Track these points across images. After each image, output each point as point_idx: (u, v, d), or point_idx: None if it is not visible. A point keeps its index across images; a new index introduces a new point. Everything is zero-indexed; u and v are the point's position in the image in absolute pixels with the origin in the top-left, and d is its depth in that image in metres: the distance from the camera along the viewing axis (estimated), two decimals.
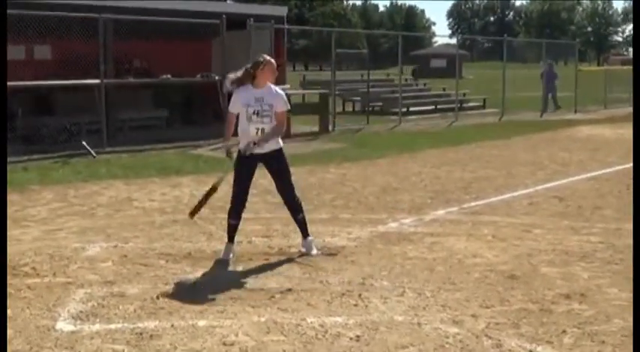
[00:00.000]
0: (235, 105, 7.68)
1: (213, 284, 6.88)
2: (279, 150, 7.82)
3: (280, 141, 7.86)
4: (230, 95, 7.87)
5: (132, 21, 17.71)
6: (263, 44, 19.09)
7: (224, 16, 18.47)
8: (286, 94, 8.18)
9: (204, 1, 20.61)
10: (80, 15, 16.31)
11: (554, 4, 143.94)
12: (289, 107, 7.79)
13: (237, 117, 7.73)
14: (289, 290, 6.67)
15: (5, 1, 7.62)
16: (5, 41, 7.69)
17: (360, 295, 6.52)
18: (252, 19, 19.19)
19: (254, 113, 7.55)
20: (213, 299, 6.38)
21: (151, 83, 19.58)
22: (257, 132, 7.60)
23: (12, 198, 11.18)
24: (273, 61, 7.71)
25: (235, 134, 7.82)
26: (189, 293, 6.58)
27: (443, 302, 6.36)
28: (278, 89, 7.84)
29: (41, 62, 18.23)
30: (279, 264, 7.59)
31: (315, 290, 6.69)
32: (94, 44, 16.44)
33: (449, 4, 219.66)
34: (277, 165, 7.83)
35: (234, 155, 7.75)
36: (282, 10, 23.26)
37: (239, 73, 7.69)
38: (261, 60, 7.64)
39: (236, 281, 6.96)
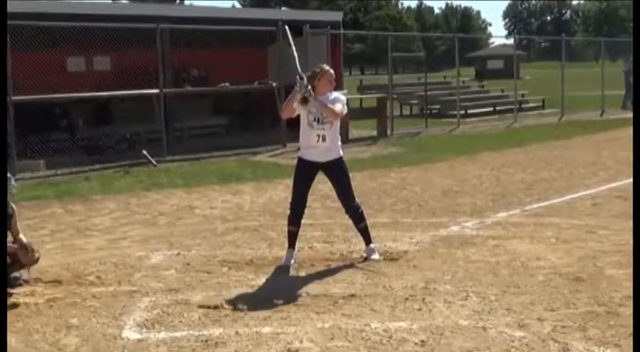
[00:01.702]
0: (298, 107, 7.64)
1: (276, 290, 6.89)
2: (340, 159, 7.81)
3: (341, 150, 7.84)
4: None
5: (189, 30, 17.87)
6: (319, 50, 19.12)
7: (280, 22, 18.53)
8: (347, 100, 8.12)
9: (260, 9, 20.73)
10: (138, 25, 16.49)
11: (612, 2, 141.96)
12: (346, 110, 7.75)
13: (299, 120, 7.73)
14: (352, 295, 6.65)
15: (5, 2, 7.70)
16: (5, 42, 7.79)
17: (423, 300, 6.48)
18: (308, 26, 19.21)
19: (315, 120, 7.57)
20: (277, 306, 6.39)
21: (208, 91, 19.71)
22: (318, 139, 7.59)
23: (75, 208, 11.37)
24: (330, 70, 7.71)
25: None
26: (252, 300, 6.60)
27: (507, 305, 6.29)
28: (339, 95, 7.81)
29: (101, 73, 18.44)
30: (341, 269, 7.58)
31: (378, 295, 6.66)
32: (152, 54, 16.62)
33: (505, 4, 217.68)
34: (338, 173, 7.83)
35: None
36: (337, 16, 23.29)
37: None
38: (318, 70, 7.66)
39: (298, 287, 6.96)
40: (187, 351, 5.44)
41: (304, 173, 7.77)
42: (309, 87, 7.44)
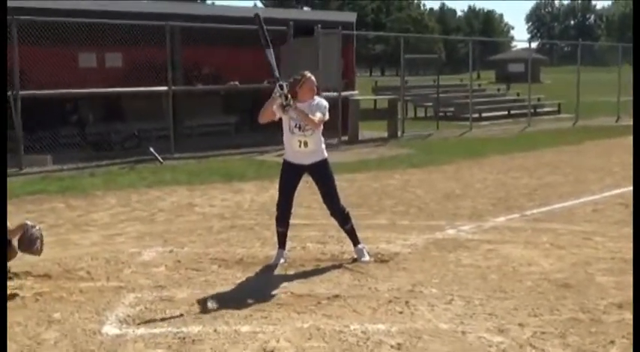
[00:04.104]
0: (279, 112, 7.59)
1: (262, 289, 6.90)
2: (324, 161, 7.80)
3: (325, 152, 7.84)
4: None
5: (199, 28, 17.92)
6: (331, 50, 19.13)
7: (291, 22, 18.55)
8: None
9: (272, 9, 20.76)
10: (147, 23, 16.54)
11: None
12: (327, 117, 7.70)
13: (282, 126, 7.72)
14: (336, 296, 6.64)
15: (5, 2, 7.71)
16: (5, 41, 7.82)
17: (407, 302, 6.45)
18: (319, 26, 19.20)
19: (296, 126, 7.58)
20: (259, 305, 6.39)
21: (217, 89, 19.71)
22: (300, 145, 7.61)
23: (76, 203, 11.43)
24: (312, 77, 7.67)
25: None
26: (236, 298, 6.60)
27: (491, 310, 6.27)
28: (321, 100, 7.76)
29: (112, 69, 18.51)
30: (330, 270, 7.57)
31: (362, 296, 6.65)
32: (163, 51, 16.67)
33: (528, 7, 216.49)
34: (322, 175, 7.82)
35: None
36: (350, 16, 23.29)
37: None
38: (299, 78, 7.62)
39: (284, 286, 6.96)
40: (163, 347, 5.45)
41: (289, 175, 7.80)
42: (289, 97, 7.41)
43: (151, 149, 15.94)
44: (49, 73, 15.83)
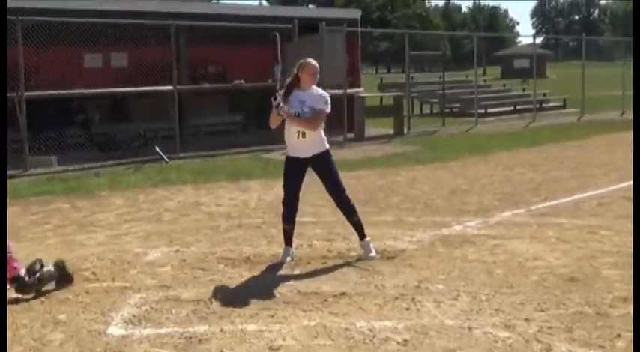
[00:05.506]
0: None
1: (268, 288, 6.89)
2: (325, 152, 7.77)
3: (326, 143, 7.81)
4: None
5: (205, 27, 17.91)
6: (336, 47, 19.10)
7: (296, 20, 18.55)
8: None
9: (276, 6, 20.75)
10: (153, 22, 16.55)
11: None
12: (329, 110, 7.71)
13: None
14: (343, 293, 6.63)
15: (5, 2, 7.71)
16: (5, 41, 7.82)
17: (413, 299, 6.45)
18: (324, 23, 19.19)
19: (295, 115, 7.55)
20: (266, 303, 6.38)
21: (223, 88, 19.70)
22: (298, 136, 7.60)
23: (82, 203, 11.44)
24: (312, 63, 7.64)
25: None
26: (242, 297, 6.59)
27: (497, 305, 6.25)
28: (322, 91, 7.77)
29: (118, 69, 18.52)
30: (337, 267, 7.56)
31: (368, 293, 6.64)
32: (168, 51, 16.68)
33: (533, 3, 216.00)
34: (324, 167, 7.79)
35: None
36: (355, 13, 23.26)
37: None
38: (301, 61, 7.62)
39: (291, 285, 6.95)
40: (169, 347, 5.45)
41: (292, 170, 7.76)
42: (281, 104, 7.44)
43: (157, 148, 15.95)
44: (55, 74, 15.86)
